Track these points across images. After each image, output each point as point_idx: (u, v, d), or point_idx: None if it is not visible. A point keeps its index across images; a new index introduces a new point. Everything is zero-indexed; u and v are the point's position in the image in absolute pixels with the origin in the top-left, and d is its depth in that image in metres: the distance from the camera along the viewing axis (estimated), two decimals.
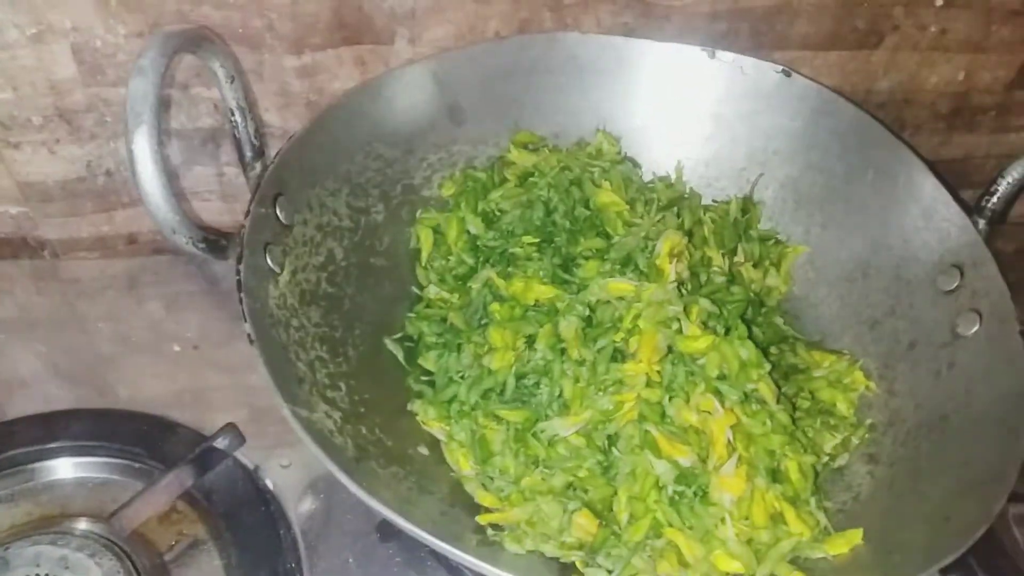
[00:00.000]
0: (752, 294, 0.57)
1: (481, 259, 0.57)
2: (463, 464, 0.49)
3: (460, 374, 0.52)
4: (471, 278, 0.56)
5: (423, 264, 0.58)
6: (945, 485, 0.48)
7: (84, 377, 0.60)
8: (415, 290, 0.59)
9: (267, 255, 0.49)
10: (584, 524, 0.45)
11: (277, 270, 0.49)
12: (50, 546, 0.48)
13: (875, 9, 0.64)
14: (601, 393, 0.48)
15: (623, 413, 0.47)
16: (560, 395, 0.49)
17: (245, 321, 0.44)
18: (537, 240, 0.56)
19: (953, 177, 0.56)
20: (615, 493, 0.46)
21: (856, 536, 0.46)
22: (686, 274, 0.53)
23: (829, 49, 0.66)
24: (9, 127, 0.60)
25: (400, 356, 0.55)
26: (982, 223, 0.57)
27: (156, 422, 0.55)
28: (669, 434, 0.46)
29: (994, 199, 0.57)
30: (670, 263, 0.51)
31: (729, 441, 0.46)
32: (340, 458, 0.42)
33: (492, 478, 0.49)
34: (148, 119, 0.43)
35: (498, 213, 0.58)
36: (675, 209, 0.58)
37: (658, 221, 0.56)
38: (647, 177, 0.64)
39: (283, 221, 0.51)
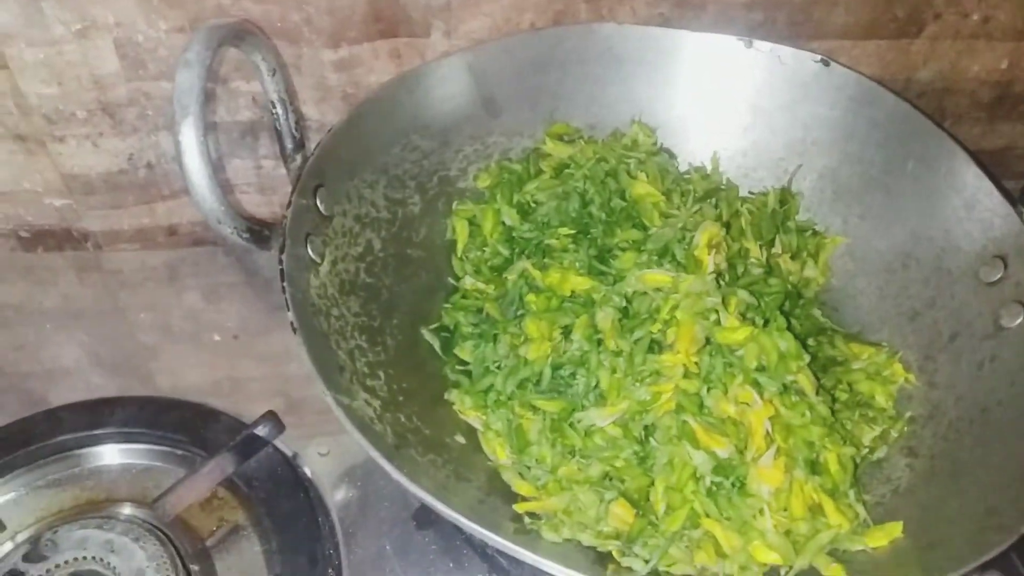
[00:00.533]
0: (790, 286, 0.57)
1: (517, 250, 0.57)
2: (500, 453, 0.50)
3: (496, 364, 0.52)
4: (507, 269, 0.56)
5: (459, 255, 0.59)
6: (987, 479, 0.47)
7: (126, 366, 0.62)
8: (451, 281, 0.59)
9: (308, 245, 0.50)
10: (621, 514, 0.46)
11: (318, 260, 0.50)
12: (96, 530, 0.49)
13: None
14: (638, 384, 0.48)
15: (660, 404, 0.47)
16: (597, 386, 0.49)
17: (288, 310, 0.45)
18: (573, 231, 0.57)
19: (995, 167, 0.56)
20: (652, 483, 0.47)
21: (896, 529, 0.46)
22: (724, 265, 0.53)
23: (868, 38, 0.65)
24: (55, 121, 0.61)
25: (437, 346, 0.55)
26: None
27: (198, 410, 0.56)
28: (707, 425, 0.46)
29: None
30: (708, 254, 0.51)
31: (767, 432, 0.46)
32: (381, 445, 0.43)
33: (529, 467, 0.49)
34: (195, 111, 0.44)
35: (533, 204, 0.58)
36: (712, 200, 0.58)
37: (695, 212, 0.55)
38: (683, 168, 0.63)
39: (323, 212, 0.52)
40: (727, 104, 0.64)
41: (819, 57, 0.61)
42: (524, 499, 0.48)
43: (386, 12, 0.59)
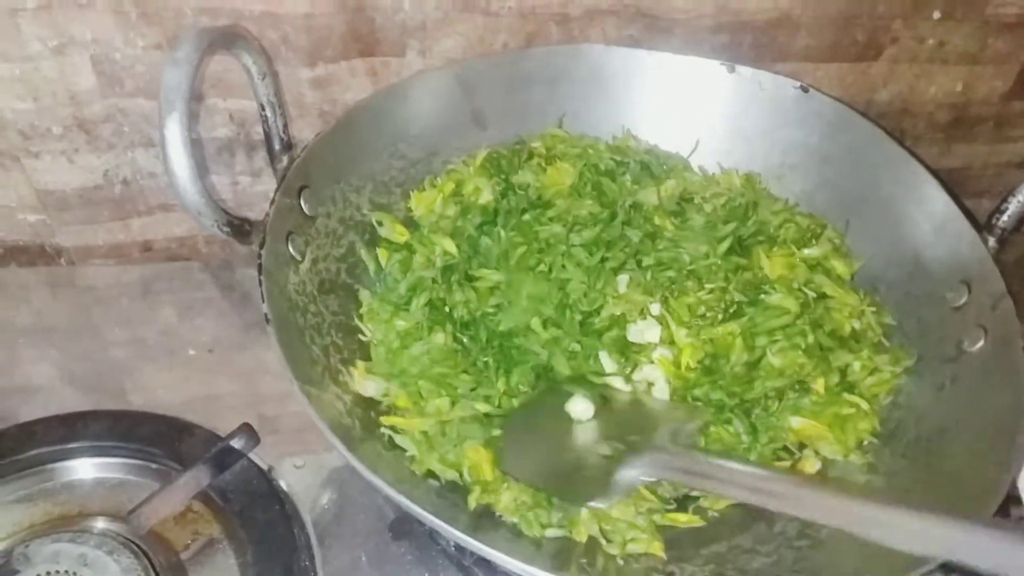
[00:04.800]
0: None
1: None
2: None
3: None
4: None
5: None
6: (938, 496, 0.51)
7: (99, 382, 0.65)
8: None
9: (289, 243, 0.54)
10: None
11: (298, 258, 0.55)
12: (69, 544, 0.51)
13: (875, 22, 0.68)
14: None
15: None
16: None
17: (263, 301, 0.49)
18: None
19: (951, 187, 0.61)
20: None
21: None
22: None
23: (830, 61, 0.70)
24: (30, 136, 0.63)
25: None
26: (992, 240, 0.60)
27: (172, 423, 0.60)
28: None
29: (1004, 217, 0.60)
30: None
31: None
32: (346, 436, 0.47)
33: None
34: (180, 107, 0.47)
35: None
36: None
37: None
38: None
39: (307, 212, 0.56)
40: (709, 128, 0.69)
41: (798, 84, 0.66)
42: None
43: (363, 31, 0.62)
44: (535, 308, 0.55)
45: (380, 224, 0.61)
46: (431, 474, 0.51)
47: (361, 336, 0.57)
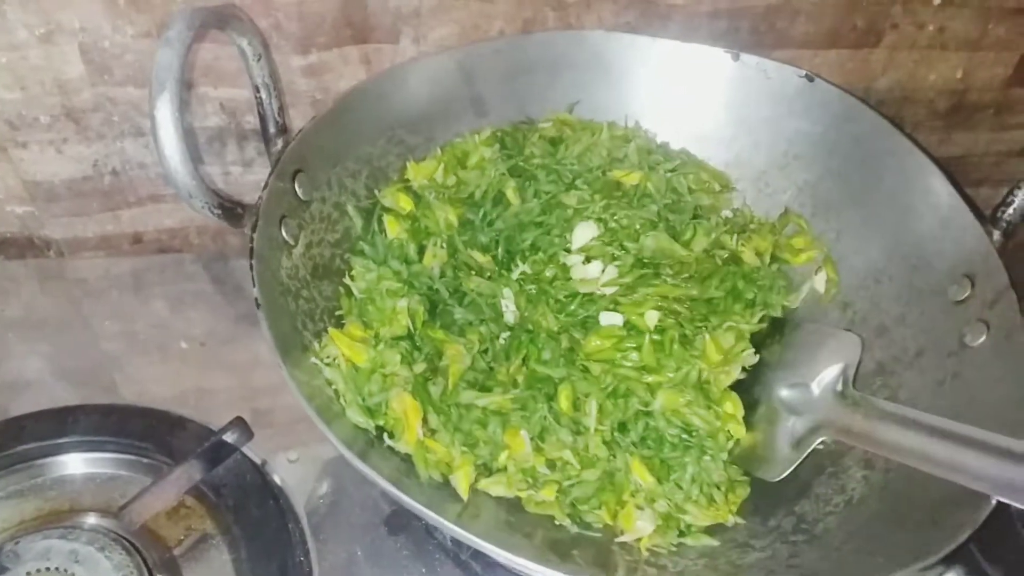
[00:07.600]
0: None
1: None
2: None
3: None
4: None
5: None
6: (937, 491, 0.50)
7: (90, 375, 0.65)
8: None
9: (282, 227, 0.54)
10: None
11: (291, 242, 0.55)
12: (60, 540, 0.52)
13: (874, 8, 0.69)
14: None
15: None
16: None
17: (254, 285, 0.49)
18: None
19: (951, 175, 0.61)
20: None
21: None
22: None
23: (829, 48, 0.69)
24: (17, 127, 0.63)
25: None
26: (997, 234, 0.60)
27: (164, 417, 0.61)
28: None
29: (1010, 211, 0.60)
30: None
31: None
32: (334, 423, 0.47)
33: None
34: (171, 87, 0.47)
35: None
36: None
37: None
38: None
39: (301, 196, 0.56)
40: (712, 116, 0.69)
41: (804, 72, 0.67)
42: None
43: (356, 18, 0.61)
44: None
45: (383, 197, 0.61)
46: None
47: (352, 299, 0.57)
